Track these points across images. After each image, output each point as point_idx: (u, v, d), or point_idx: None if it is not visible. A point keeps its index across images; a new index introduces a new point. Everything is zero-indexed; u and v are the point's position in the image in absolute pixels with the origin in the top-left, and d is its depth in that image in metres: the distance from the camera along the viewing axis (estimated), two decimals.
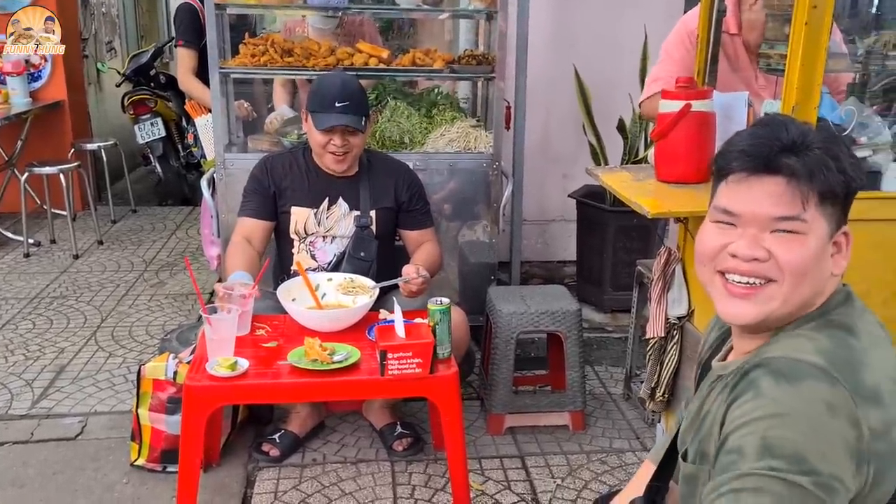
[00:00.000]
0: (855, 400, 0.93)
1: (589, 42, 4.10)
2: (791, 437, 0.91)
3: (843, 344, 0.99)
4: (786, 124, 1.04)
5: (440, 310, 2.18)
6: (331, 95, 2.52)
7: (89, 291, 4.27)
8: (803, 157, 1.00)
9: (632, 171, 2.23)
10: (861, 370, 0.96)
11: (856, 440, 0.92)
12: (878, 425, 0.93)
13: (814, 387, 0.93)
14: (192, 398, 2.08)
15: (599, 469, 2.67)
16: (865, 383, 0.95)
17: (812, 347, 0.97)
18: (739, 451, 0.93)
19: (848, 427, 0.92)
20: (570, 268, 4.34)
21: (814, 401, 0.92)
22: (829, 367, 0.94)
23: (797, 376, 0.94)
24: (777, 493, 0.89)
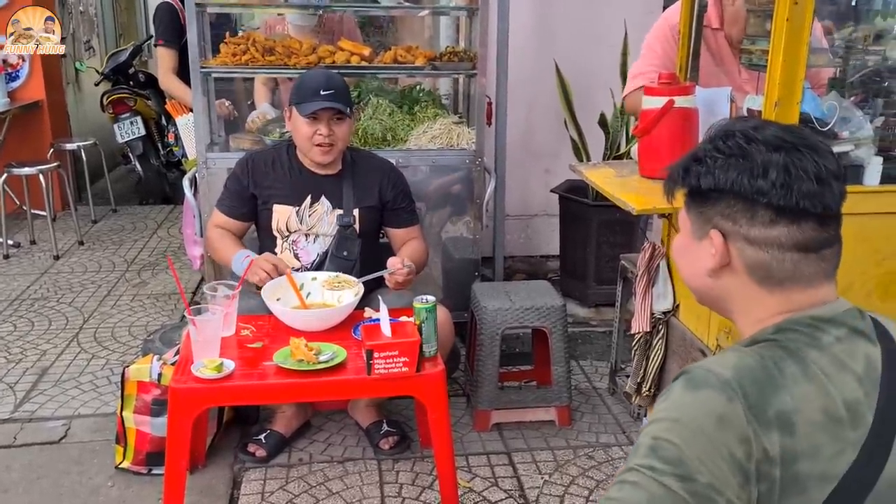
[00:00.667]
0: (749, 419, 0.94)
1: (569, 37, 4.10)
2: (675, 441, 0.95)
3: (771, 367, 0.99)
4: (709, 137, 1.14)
5: (426, 308, 2.18)
6: (315, 85, 2.52)
7: (70, 292, 4.23)
8: (669, 172, 1.14)
9: (615, 167, 2.23)
10: (774, 394, 0.97)
11: (743, 457, 0.93)
12: (776, 451, 0.94)
13: (710, 397, 0.96)
14: (178, 400, 2.07)
15: (587, 464, 2.68)
16: (773, 407, 0.96)
17: (733, 363, 1.00)
18: (637, 446, 0.99)
19: (735, 442, 0.93)
20: (553, 262, 4.35)
21: (706, 411, 0.95)
22: (735, 382, 0.96)
23: (700, 386, 0.97)
24: (652, 492, 0.94)
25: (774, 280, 1.06)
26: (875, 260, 1.88)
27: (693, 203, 1.12)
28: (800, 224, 1.03)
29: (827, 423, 0.97)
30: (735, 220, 1.06)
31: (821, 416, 0.97)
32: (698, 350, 2.12)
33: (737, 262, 1.08)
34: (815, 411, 0.97)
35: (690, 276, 1.17)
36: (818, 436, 0.96)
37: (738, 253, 1.07)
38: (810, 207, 1.02)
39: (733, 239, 1.07)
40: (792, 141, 1.05)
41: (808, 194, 1.02)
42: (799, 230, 1.03)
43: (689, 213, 1.13)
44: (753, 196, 1.03)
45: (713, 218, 1.08)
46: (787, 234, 1.03)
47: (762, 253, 1.05)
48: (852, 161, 1.85)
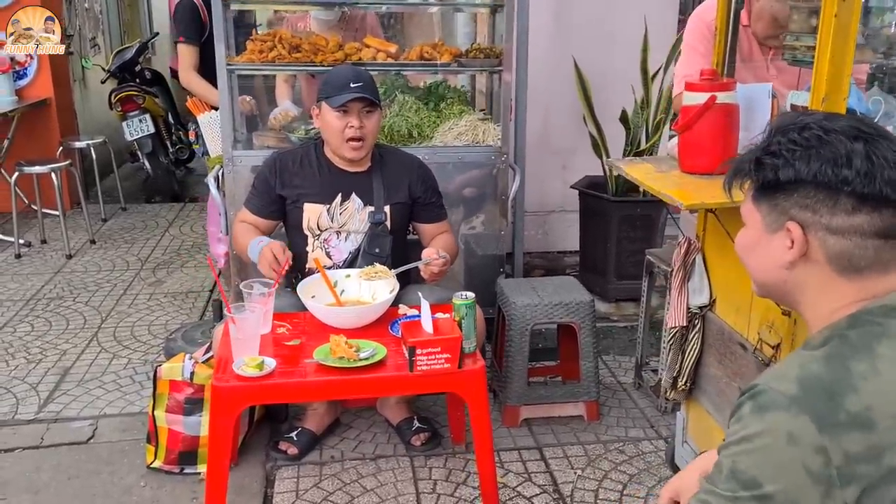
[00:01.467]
0: (821, 428, 0.96)
1: (588, 33, 4.11)
2: (752, 464, 1.00)
3: (837, 369, 1.01)
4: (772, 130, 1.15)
5: (466, 304, 2.18)
6: (345, 79, 2.53)
7: (86, 292, 4.21)
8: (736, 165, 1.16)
9: (653, 163, 2.24)
10: (843, 396, 0.98)
11: (821, 466, 0.96)
12: (859, 449, 0.96)
13: (778, 417, 0.99)
14: (221, 399, 2.06)
15: (618, 458, 2.69)
16: (844, 410, 0.98)
17: (796, 374, 1.02)
18: (719, 469, 1.04)
19: (810, 454, 0.96)
20: (570, 258, 4.36)
21: (775, 430, 0.98)
22: (801, 395, 0.99)
23: (767, 407, 1.01)
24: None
25: (855, 268, 1.08)
26: None
27: (764, 196, 1.12)
28: (881, 211, 1.05)
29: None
30: (815, 210, 1.07)
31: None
32: (738, 344, 2.12)
33: (817, 252, 1.09)
34: (891, 403, 0.99)
35: (762, 270, 1.17)
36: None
37: (818, 243, 1.08)
38: (891, 194, 1.05)
39: (813, 229, 1.08)
40: (868, 131, 1.07)
41: (890, 181, 1.04)
42: (880, 217, 1.06)
43: (760, 207, 1.13)
44: (838, 185, 1.05)
45: (790, 210, 1.09)
46: (870, 222, 1.06)
47: (845, 241, 1.07)
48: None
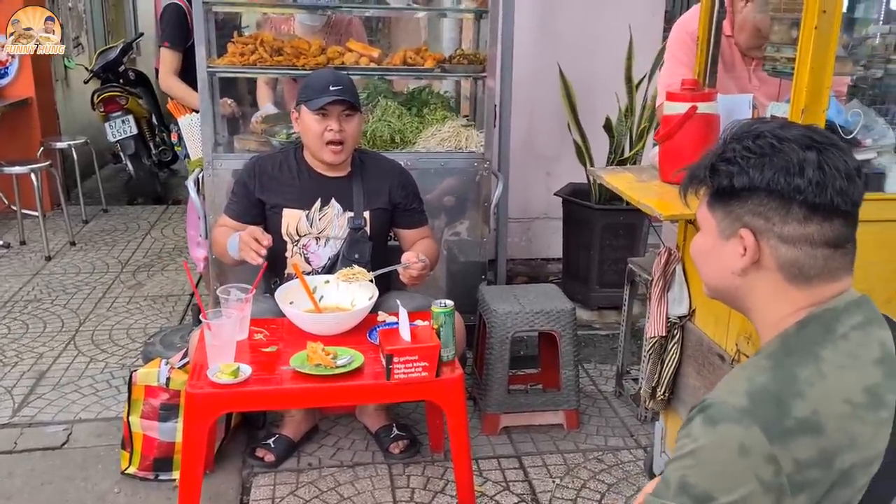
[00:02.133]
0: (770, 437, 0.98)
1: (573, 40, 4.11)
2: (704, 476, 1.01)
3: (783, 375, 1.03)
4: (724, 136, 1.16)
5: (444, 312, 2.16)
6: (324, 82, 2.51)
7: (65, 294, 4.16)
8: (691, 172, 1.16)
9: (635, 172, 2.23)
10: (791, 404, 1.00)
11: (772, 475, 0.98)
12: (809, 454, 0.98)
13: (729, 430, 1.00)
14: (195, 406, 2.04)
15: (597, 468, 2.68)
16: (792, 417, 0.99)
17: (745, 388, 1.03)
18: (666, 483, 1.04)
19: (761, 464, 0.98)
20: (553, 265, 4.36)
21: (727, 443, 1.00)
22: (750, 406, 1.00)
23: (718, 420, 1.02)
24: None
25: (805, 276, 1.09)
26: (895, 267, 1.90)
27: (719, 202, 1.13)
28: (831, 221, 1.07)
29: (854, 411, 1.01)
30: (768, 217, 1.08)
31: (846, 407, 1.01)
32: (716, 355, 2.12)
33: (769, 259, 1.10)
34: (838, 405, 1.01)
35: (714, 275, 1.18)
36: (850, 426, 1.00)
37: (770, 251, 1.10)
38: (841, 204, 1.07)
39: (766, 237, 1.09)
40: (821, 140, 1.09)
41: (841, 191, 1.06)
42: (830, 227, 1.07)
43: (714, 213, 1.15)
44: (790, 194, 1.06)
45: (743, 216, 1.10)
46: (820, 231, 1.07)
47: (796, 250, 1.08)
48: (875, 169, 1.87)
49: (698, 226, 1.20)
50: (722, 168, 1.11)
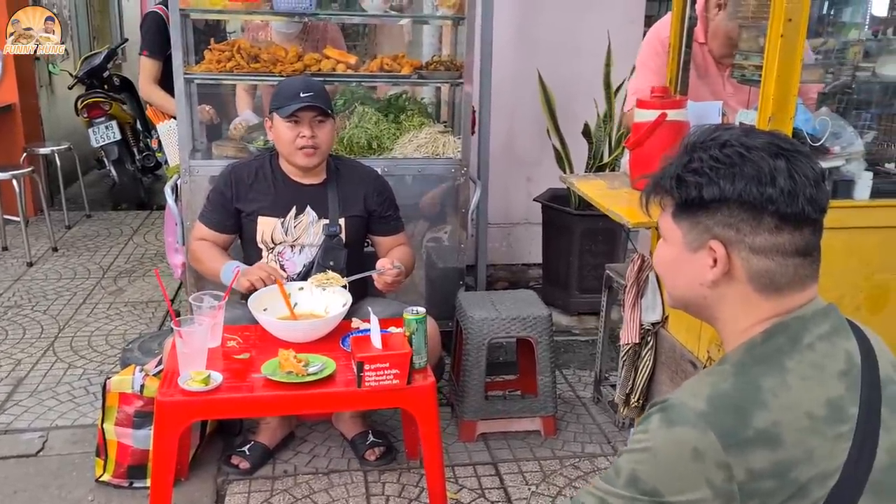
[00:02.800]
0: (725, 445, 0.98)
1: (551, 46, 4.13)
2: (654, 474, 1.01)
3: (747, 384, 1.02)
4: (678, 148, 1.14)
5: (416, 319, 2.16)
6: (295, 89, 2.51)
7: (45, 300, 4.14)
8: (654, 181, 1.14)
9: (606, 179, 2.24)
10: (752, 413, 0.99)
11: (723, 481, 0.98)
12: (764, 465, 0.98)
13: (685, 432, 1.00)
14: (165, 414, 2.03)
15: (573, 474, 2.68)
16: (751, 427, 0.99)
17: (707, 393, 1.03)
18: (618, 472, 1.05)
19: (713, 469, 0.98)
20: (534, 270, 4.36)
21: (681, 445, 1.00)
22: (709, 412, 1.00)
23: (676, 421, 1.01)
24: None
25: (775, 286, 1.08)
26: (865, 273, 1.91)
27: (686, 213, 1.10)
28: (801, 229, 1.06)
29: (814, 425, 1.00)
30: (738, 228, 1.06)
31: (807, 420, 1.00)
32: (688, 362, 2.13)
33: (739, 270, 1.08)
34: (799, 418, 1.00)
35: (681, 286, 1.16)
36: (809, 440, 0.99)
37: (741, 262, 1.07)
38: (811, 212, 1.05)
39: (736, 248, 1.07)
40: (788, 147, 1.07)
41: (811, 199, 1.05)
42: (800, 235, 1.06)
43: (680, 224, 1.11)
44: (762, 204, 1.04)
45: (712, 228, 1.08)
46: (791, 240, 1.06)
47: (766, 260, 1.06)
48: (843, 176, 1.88)
49: (661, 234, 1.19)
50: (690, 179, 1.07)
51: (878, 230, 1.87)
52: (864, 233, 1.85)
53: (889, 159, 2.01)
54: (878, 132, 1.95)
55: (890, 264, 1.88)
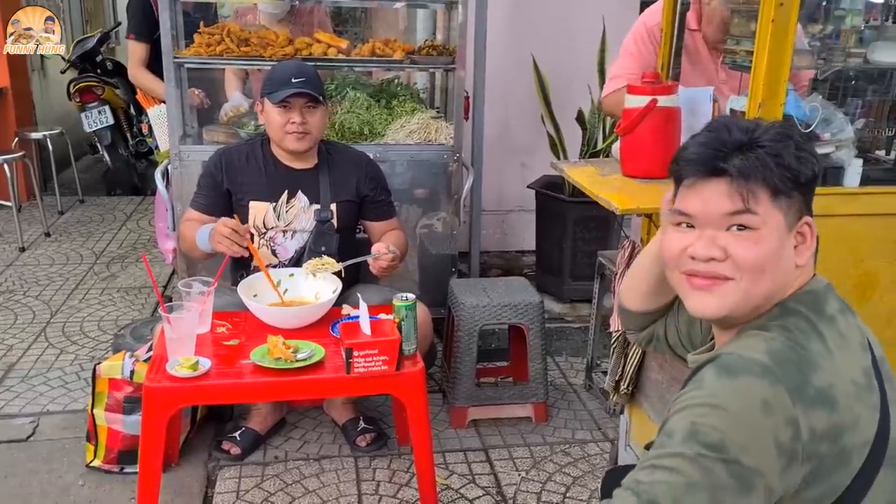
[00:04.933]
0: (794, 401, 0.95)
1: (546, 32, 4.10)
2: (719, 426, 0.94)
3: (798, 345, 1.01)
4: (728, 128, 1.09)
5: (406, 306, 2.15)
6: (287, 74, 2.49)
7: (37, 286, 4.13)
8: (744, 159, 1.05)
9: (597, 166, 2.23)
10: (810, 372, 0.98)
11: (790, 440, 0.94)
12: (823, 427, 0.96)
13: (752, 383, 0.96)
14: (153, 400, 2.03)
15: (563, 461, 2.68)
16: (812, 385, 0.97)
17: (764, 347, 1.00)
18: (670, 434, 0.98)
19: (782, 425, 0.94)
20: (528, 258, 4.35)
21: (749, 396, 0.95)
22: (774, 366, 0.97)
23: (738, 372, 0.97)
24: (689, 475, 0.93)
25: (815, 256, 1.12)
26: (853, 261, 1.90)
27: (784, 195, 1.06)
28: None
29: (858, 392, 1.01)
30: (809, 204, 1.11)
31: (853, 386, 1.00)
32: None
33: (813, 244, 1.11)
34: (847, 383, 1.00)
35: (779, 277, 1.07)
36: (855, 406, 0.99)
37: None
38: None
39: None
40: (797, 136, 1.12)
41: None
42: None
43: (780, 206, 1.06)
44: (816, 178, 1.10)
45: (805, 206, 1.10)
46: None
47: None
48: (833, 163, 1.87)
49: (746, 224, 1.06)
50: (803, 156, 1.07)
51: (867, 217, 1.86)
52: (853, 220, 1.84)
53: (879, 146, 2.01)
54: (869, 119, 1.94)
55: (879, 252, 1.87)
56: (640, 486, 0.96)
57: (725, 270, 1.07)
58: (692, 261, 1.10)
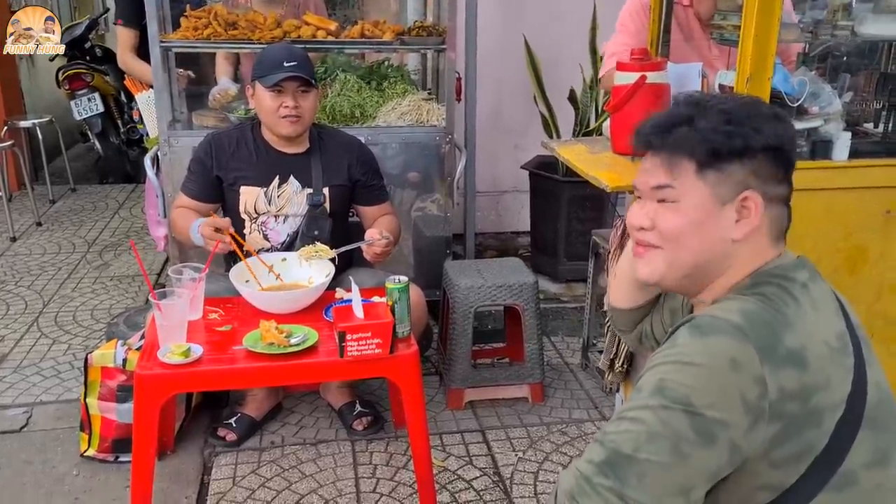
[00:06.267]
0: (763, 360, 0.97)
1: (537, 11, 4.06)
2: (686, 382, 0.98)
3: (772, 308, 1.03)
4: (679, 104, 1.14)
5: (398, 288, 2.14)
6: (278, 58, 2.47)
7: (29, 275, 4.11)
8: (672, 135, 1.10)
9: (587, 144, 2.21)
10: (783, 333, 1.00)
11: (757, 398, 0.97)
12: (793, 387, 0.98)
13: (722, 341, 0.99)
14: (144, 387, 2.02)
15: (560, 440, 2.69)
16: (784, 345, 1.00)
17: (737, 308, 1.03)
18: (639, 389, 1.02)
19: (750, 383, 0.97)
20: (523, 238, 4.34)
21: (718, 354, 0.98)
22: (746, 325, 1.00)
23: (710, 331, 1.00)
24: (652, 425, 0.97)
25: (780, 233, 1.13)
26: (843, 234, 1.90)
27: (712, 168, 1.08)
28: (790, 181, 1.14)
29: (832, 353, 1.03)
30: (763, 178, 1.10)
31: (825, 348, 1.03)
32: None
33: (763, 219, 1.10)
34: (819, 345, 1.03)
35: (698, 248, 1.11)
36: (828, 367, 1.02)
37: (764, 211, 1.10)
38: (794, 167, 1.14)
39: (763, 198, 1.10)
40: (778, 112, 1.14)
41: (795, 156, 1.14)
42: (788, 185, 1.14)
43: (706, 180, 1.09)
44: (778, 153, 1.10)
45: (745, 179, 1.09)
46: (787, 190, 1.13)
47: (779, 208, 1.12)
48: (822, 136, 1.86)
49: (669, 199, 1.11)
50: (728, 129, 1.07)
51: (855, 190, 1.85)
52: (841, 193, 1.83)
53: (868, 119, 1.99)
54: (857, 92, 1.92)
55: (867, 225, 1.87)
56: (606, 437, 1.01)
57: (652, 239, 1.15)
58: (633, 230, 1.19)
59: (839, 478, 1.01)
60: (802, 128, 1.78)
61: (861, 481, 1.02)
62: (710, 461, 0.97)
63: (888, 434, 1.06)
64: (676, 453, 0.96)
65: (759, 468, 1.00)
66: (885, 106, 2.04)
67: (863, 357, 1.07)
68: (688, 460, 0.96)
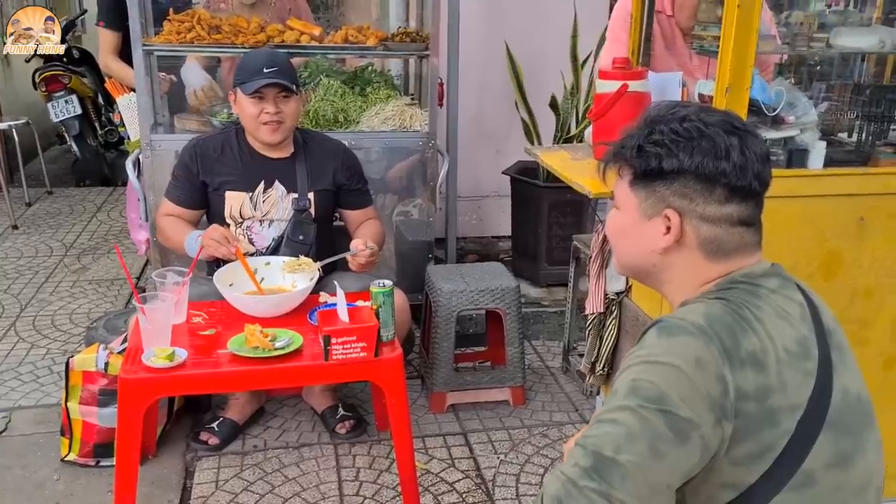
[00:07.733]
0: (724, 360, 1.02)
1: (519, 18, 4.10)
2: (656, 381, 1.02)
3: (734, 312, 1.08)
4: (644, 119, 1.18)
5: (383, 292, 2.16)
6: (258, 64, 2.47)
7: (6, 279, 4.07)
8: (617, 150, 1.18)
9: (570, 151, 2.25)
10: (743, 336, 1.05)
11: (719, 395, 1.01)
12: (750, 387, 1.03)
13: (688, 341, 1.04)
14: (128, 391, 2.01)
15: (541, 443, 2.72)
16: (744, 348, 1.04)
17: (702, 311, 1.08)
18: (615, 391, 1.06)
19: (713, 381, 1.02)
20: (504, 243, 4.37)
21: (684, 353, 1.03)
22: (709, 327, 1.05)
23: (676, 332, 1.05)
24: (630, 425, 1.01)
25: (723, 252, 1.15)
26: (818, 241, 1.94)
27: (643, 183, 1.16)
28: (747, 202, 1.14)
29: (789, 358, 1.07)
30: (692, 199, 1.13)
31: (784, 353, 1.07)
32: None
33: (690, 238, 1.15)
34: (778, 349, 1.07)
35: (632, 253, 1.22)
36: (785, 371, 1.06)
37: (692, 230, 1.14)
38: (757, 187, 1.14)
39: (688, 217, 1.14)
40: (740, 126, 1.15)
41: (758, 175, 1.13)
42: (745, 207, 1.14)
43: (637, 192, 1.17)
44: (716, 177, 1.11)
45: (668, 197, 1.14)
46: (737, 211, 1.13)
47: (716, 228, 1.14)
48: (798, 145, 1.90)
49: (615, 204, 1.23)
50: (651, 150, 1.13)
51: (830, 198, 1.89)
52: (817, 201, 1.88)
53: (842, 129, 2.05)
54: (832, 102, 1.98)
55: (842, 232, 1.91)
56: (586, 440, 1.03)
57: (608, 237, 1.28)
58: None
59: (799, 477, 1.05)
60: (779, 137, 1.83)
61: (820, 482, 1.06)
62: (685, 459, 1.01)
63: (851, 437, 1.10)
64: (655, 452, 1.00)
65: (722, 465, 1.04)
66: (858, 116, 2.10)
67: (830, 362, 1.11)
68: (666, 458, 1.00)
